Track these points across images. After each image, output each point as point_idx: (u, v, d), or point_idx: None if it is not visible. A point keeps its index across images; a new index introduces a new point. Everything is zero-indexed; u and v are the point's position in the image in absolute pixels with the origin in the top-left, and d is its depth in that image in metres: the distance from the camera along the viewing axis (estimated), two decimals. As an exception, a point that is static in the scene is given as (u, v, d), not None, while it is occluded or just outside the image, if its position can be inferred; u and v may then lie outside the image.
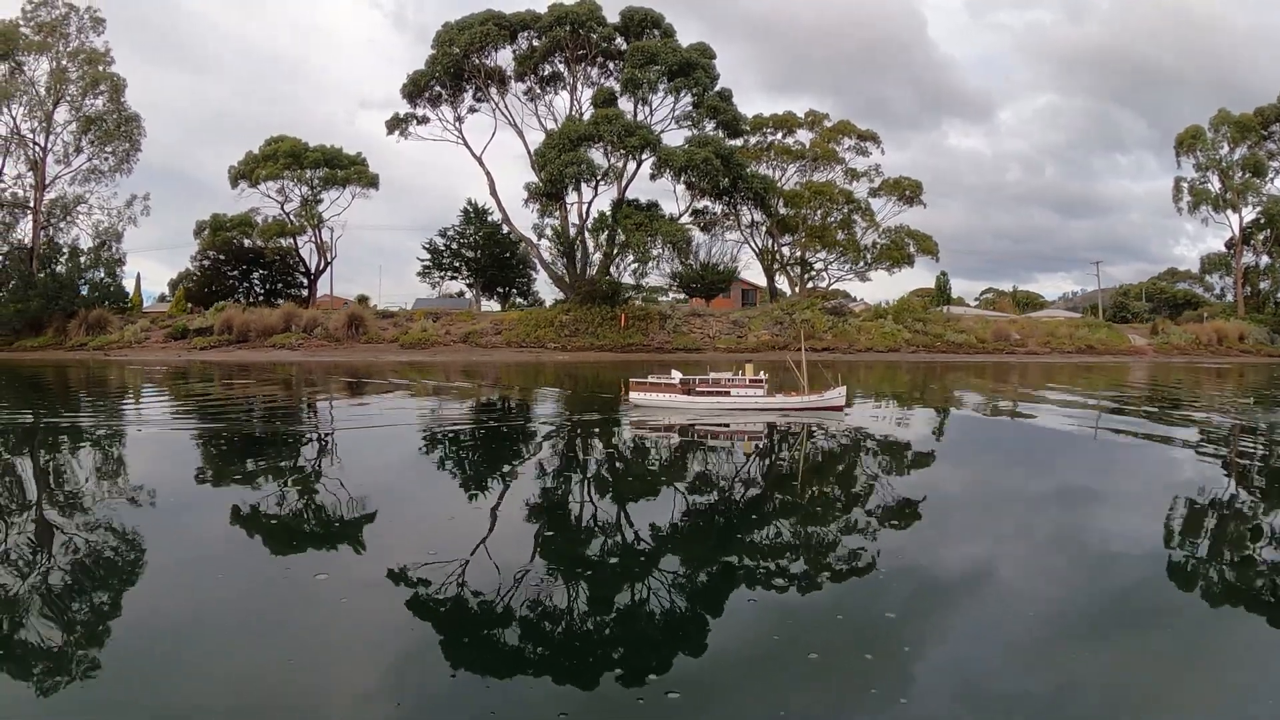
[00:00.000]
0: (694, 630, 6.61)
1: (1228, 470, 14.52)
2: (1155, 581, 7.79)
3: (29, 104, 61.93)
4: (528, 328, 56.67)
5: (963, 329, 58.86)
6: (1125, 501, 11.72)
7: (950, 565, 8.30)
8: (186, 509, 10.79)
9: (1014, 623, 6.69)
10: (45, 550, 8.51)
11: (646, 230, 62.87)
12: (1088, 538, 9.43)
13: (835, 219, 73.42)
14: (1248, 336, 64.96)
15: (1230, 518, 10.79)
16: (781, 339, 53.10)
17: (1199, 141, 69.06)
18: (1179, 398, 30.66)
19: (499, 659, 5.84)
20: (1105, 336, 61.43)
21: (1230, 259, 74.02)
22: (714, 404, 22.00)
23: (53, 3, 62.61)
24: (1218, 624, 6.80)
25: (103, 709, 5.05)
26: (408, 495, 12.11)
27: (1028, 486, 13.10)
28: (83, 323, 59.24)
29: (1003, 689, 5.48)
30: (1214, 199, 69.76)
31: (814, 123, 78.11)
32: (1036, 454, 17.02)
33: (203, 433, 18.80)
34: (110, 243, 67.90)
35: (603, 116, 65.41)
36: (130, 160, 67.25)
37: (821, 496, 11.79)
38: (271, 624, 6.52)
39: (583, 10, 70.44)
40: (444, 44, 70.30)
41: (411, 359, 51.22)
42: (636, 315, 57.17)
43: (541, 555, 8.53)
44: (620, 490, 12.48)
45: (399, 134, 73.37)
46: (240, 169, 72.20)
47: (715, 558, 8.49)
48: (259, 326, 55.56)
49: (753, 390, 22.20)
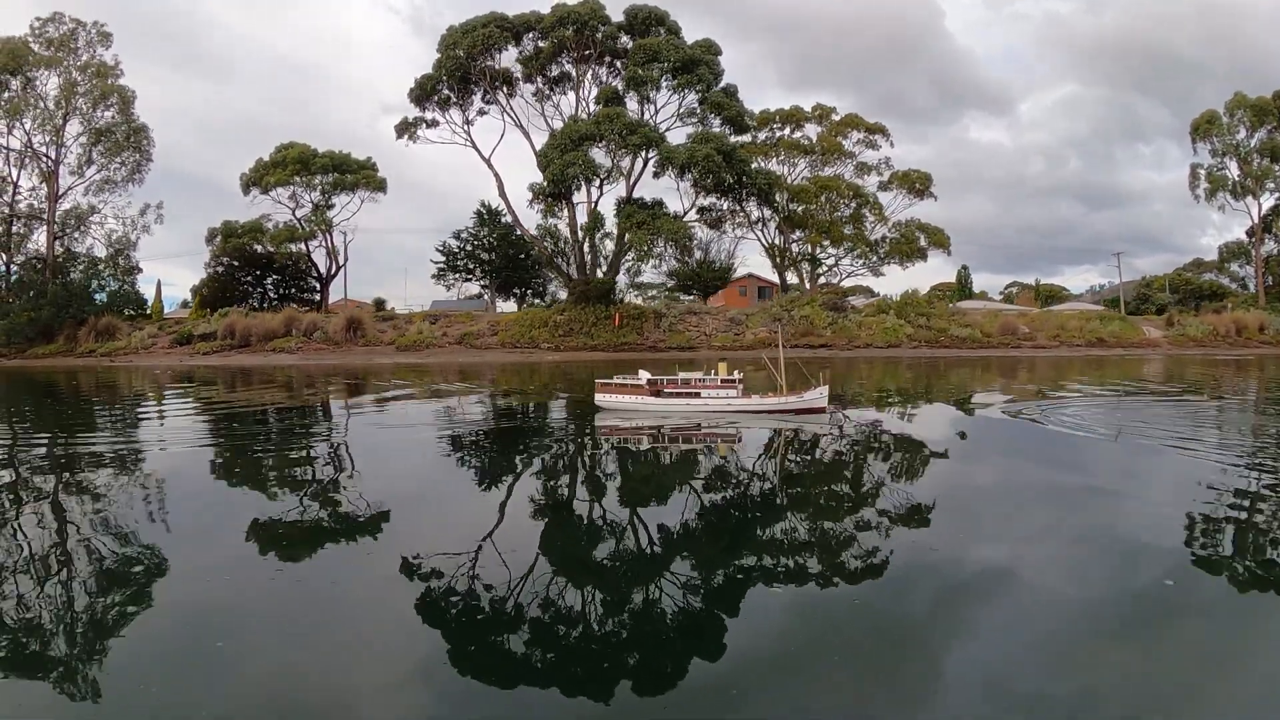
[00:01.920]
0: (713, 632, 6.56)
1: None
2: (1185, 577, 7.58)
3: (39, 118, 63.18)
4: (523, 328, 56.67)
5: (968, 323, 57.68)
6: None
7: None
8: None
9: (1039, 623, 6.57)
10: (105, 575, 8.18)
11: (649, 229, 62.63)
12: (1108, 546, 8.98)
13: (843, 214, 72.46)
14: (1268, 327, 62.92)
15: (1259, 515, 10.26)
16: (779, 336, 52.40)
17: (1214, 127, 67.06)
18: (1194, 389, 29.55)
19: (516, 666, 5.90)
20: (1117, 329, 59.87)
21: (1250, 247, 71.81)
22: (683, 406, 20.93)
23: (60, 19, 63.91)
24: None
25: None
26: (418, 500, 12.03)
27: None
28: (92, 330, 60.39)
29: (1028, 688, 5.43)
30: (1232, 185, 67.71)
31: (822, 117, 77.27)
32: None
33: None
34: (127, 251, 69.30)
35: (604, 115, 65.22)
36: (142, 170, 68.46)
37: (775, 521, 11.22)
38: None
39: (585, 10, 70.23)
40: (448, 47, 70.58)
41: (407, 361, 51.47)
42: (631, 314, 56.90)
43: (511, 560, 8.36)
44: (576, 498, 12.18)
45: (408, 138, 73.86)
46: (251, 176, 73.15)
47: (719, 564, 8.37)
48: (260, 331, 56.23)
49: (725, 391, 20.96)
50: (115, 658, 5.94)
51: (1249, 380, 34.85)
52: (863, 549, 8.65)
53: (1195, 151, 70.04)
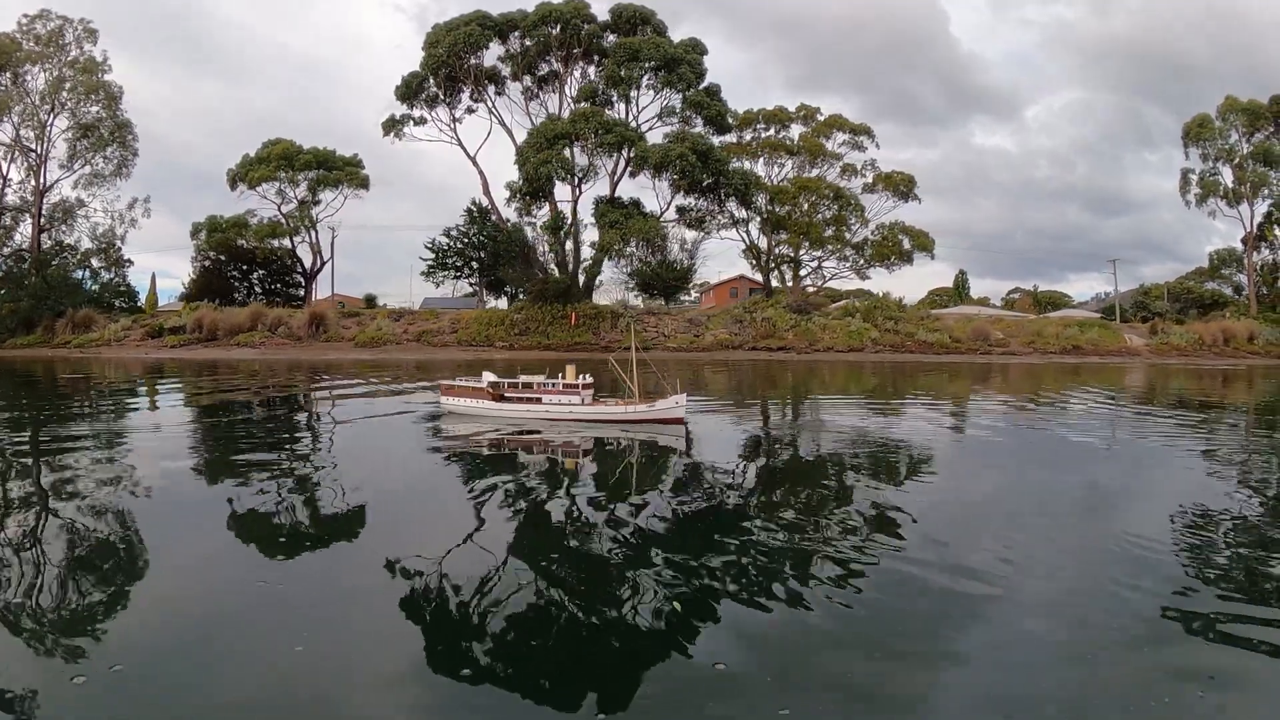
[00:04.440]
0: (704, 644, 6.11)
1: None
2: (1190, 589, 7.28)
3: (26, 112, 64.47)
4: (480, 326, 56.67)
5: (937, 328, 56.53)
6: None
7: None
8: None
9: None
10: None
11: (620, 229, 62.31)
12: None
13: (824, 215, 71.48)
14: (1258, 336, 61.05)
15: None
16: (740, 338, 51.87)
17: (1206, 130, 65.16)
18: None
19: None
20: (1096, 336, 58.35)
21: (1243, 255, 69.74)
22: (524, 412, 19.23)
23: (48, 15, 65.19)
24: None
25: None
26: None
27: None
28: (70, 322, 61.40)
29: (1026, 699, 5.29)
30: (1224, 191, 65.72)
31: (807, 117, 76.36)
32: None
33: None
34: (114, 244, 70.54)
35: (580, 114, 65.00)
36: (129, 165, 69.63)
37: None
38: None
39: (569, 8, 70.10)
40: (431, 45, 70.85)
41: (364, 357, 51.67)
42: (587, 314, 56.51)
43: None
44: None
45: (394, 135, 74.37)
46: (237, 171, 74.04)
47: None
48: (227, 325, 56.85)
49: (568, 397, 19.16)
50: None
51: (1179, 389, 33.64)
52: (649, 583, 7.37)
53: (1187, 156, 68.31)
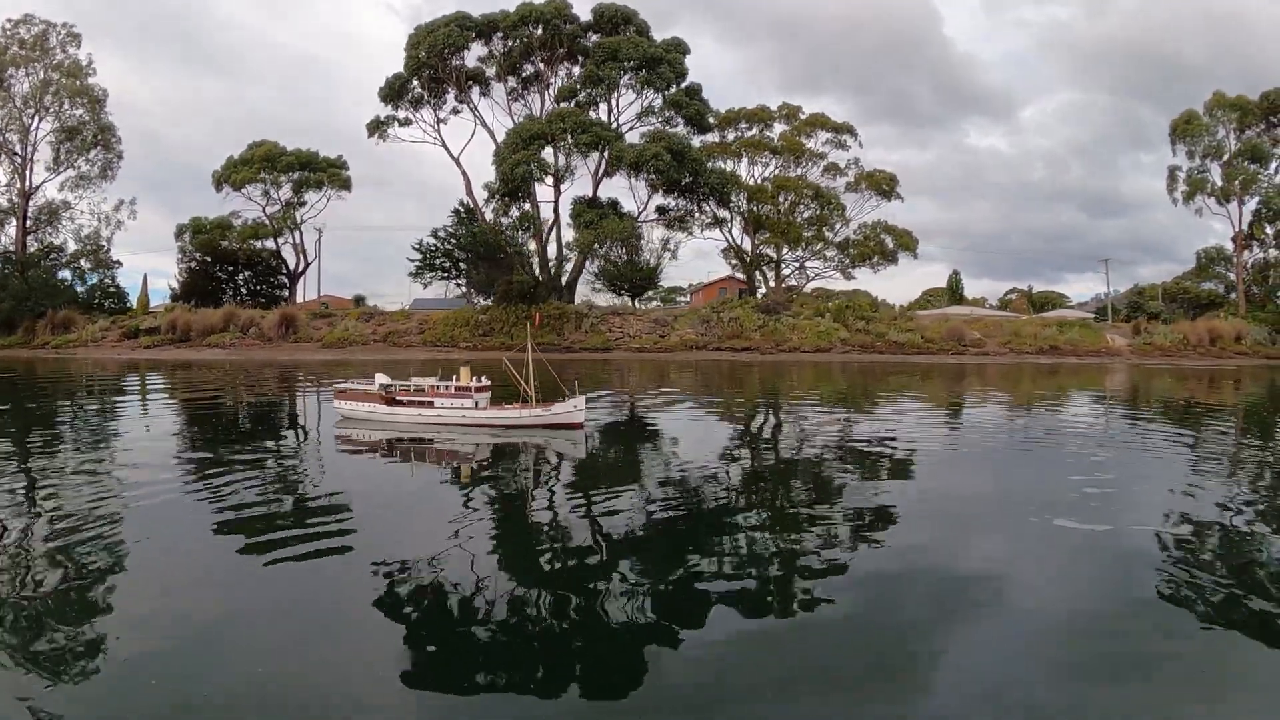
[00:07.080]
0: (698, 648, 6.22)
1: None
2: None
3: (9, 116, 65.19)
4: (446, 327, 56.61)
5: (909, 328, 55.76)
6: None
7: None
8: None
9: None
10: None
11: (595, 229, 62.05)
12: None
13: (805, 215, 70.88)
14: (1245, 336, 59.75)
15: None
16: (706, 338, 51.43)
17: (1193, 127, 63.84)
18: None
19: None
20: (1076, 336, 57.33)
21: (1231, 254, 68.31)
22: (415, 416, 18.66)
23: (31, 20, 65.90)
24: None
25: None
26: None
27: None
28: (50, 323, 61.98)
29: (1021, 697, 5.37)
30: (1213, 189, 64.38)
31: (789, 116, 75.79)
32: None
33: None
34: (100, 245, 71.23)
35: (556, 115, 64.86)
36: (114, 167, 70.32)
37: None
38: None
39: (549, 9, 69.87)
40: (412, 47, 70.87)
41: (330, 358, 51.75)
42: (551, 314, 56.23)
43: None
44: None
45: (378, 136, 74.45)
46: (222, 173, 74.47)
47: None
48: (200, 326, 57.15)
49: (461, 400, 18.46)
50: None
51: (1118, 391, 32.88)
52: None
53: (1174, 153, 67.02)
